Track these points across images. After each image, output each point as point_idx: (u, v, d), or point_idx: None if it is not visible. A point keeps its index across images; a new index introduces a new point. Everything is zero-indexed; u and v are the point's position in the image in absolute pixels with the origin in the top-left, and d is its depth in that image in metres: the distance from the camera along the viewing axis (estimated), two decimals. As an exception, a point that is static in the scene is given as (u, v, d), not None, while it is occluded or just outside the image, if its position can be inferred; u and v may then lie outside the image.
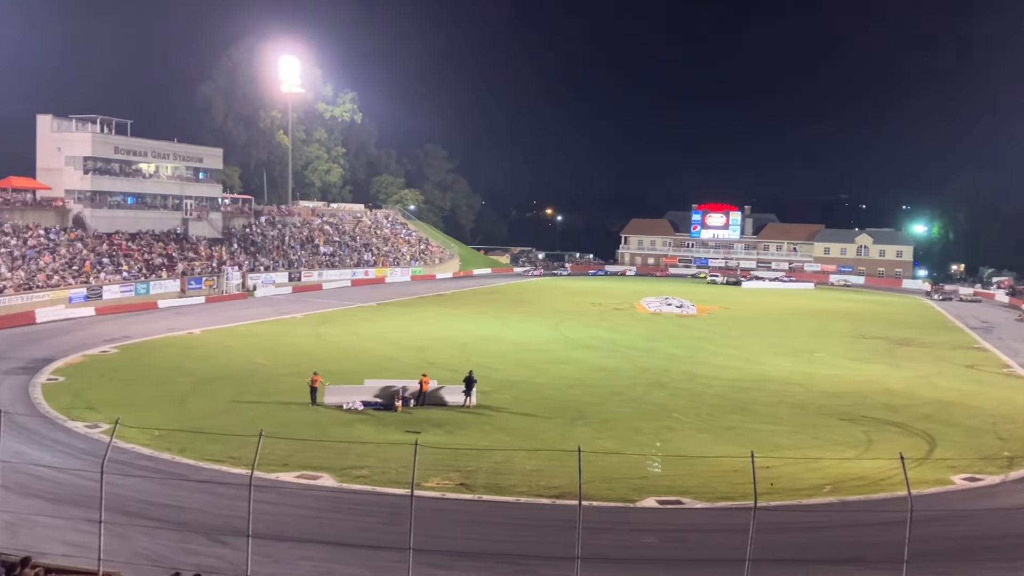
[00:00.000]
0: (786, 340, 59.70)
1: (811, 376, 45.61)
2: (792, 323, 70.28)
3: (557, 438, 30.84)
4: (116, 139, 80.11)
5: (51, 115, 77.75)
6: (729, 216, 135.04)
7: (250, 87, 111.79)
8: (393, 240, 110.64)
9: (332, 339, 54.12)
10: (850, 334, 63.51)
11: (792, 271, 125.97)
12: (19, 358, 43.87)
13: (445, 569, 18.95)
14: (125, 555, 19.28)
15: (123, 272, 70.24)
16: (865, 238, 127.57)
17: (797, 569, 19.02)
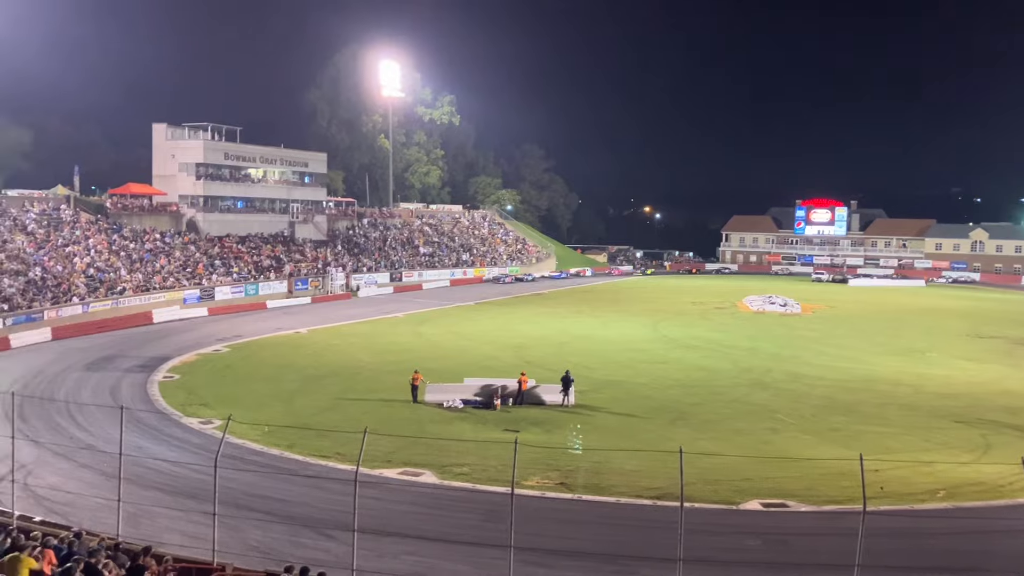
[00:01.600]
0: (895, 339, 57.58)
1: (922, 376, 43.90)
2: (902, 322, 67.74)
3: (657, 439, 30.55)
4: (226, 145, 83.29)
5: (166, 124, 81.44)
6: (835, 212, 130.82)
7: (353, 93, 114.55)
8: (490, 240, 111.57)
9: (432, 338, 54.98)
10: (964, 333, 60.77)
11: (901, 268, 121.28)
12: (138, 356, 46.11)
13: (546, 567, 19.04)
14: (237, 547, 20.08)
15: (234, 274, 72.98)
16: (980, 233, 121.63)
17: None
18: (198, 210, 79.53)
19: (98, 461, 25.99)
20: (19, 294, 54.34)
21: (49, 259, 60.56)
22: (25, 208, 65.98)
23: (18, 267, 57.42)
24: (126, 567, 14.16)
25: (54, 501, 23.37)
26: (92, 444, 27.90)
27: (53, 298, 56.20)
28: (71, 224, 67.11)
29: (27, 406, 32.94)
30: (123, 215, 73.35)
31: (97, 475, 25.29)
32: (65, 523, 20.66)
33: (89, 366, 43.36)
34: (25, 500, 22.50)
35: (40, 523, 20.22)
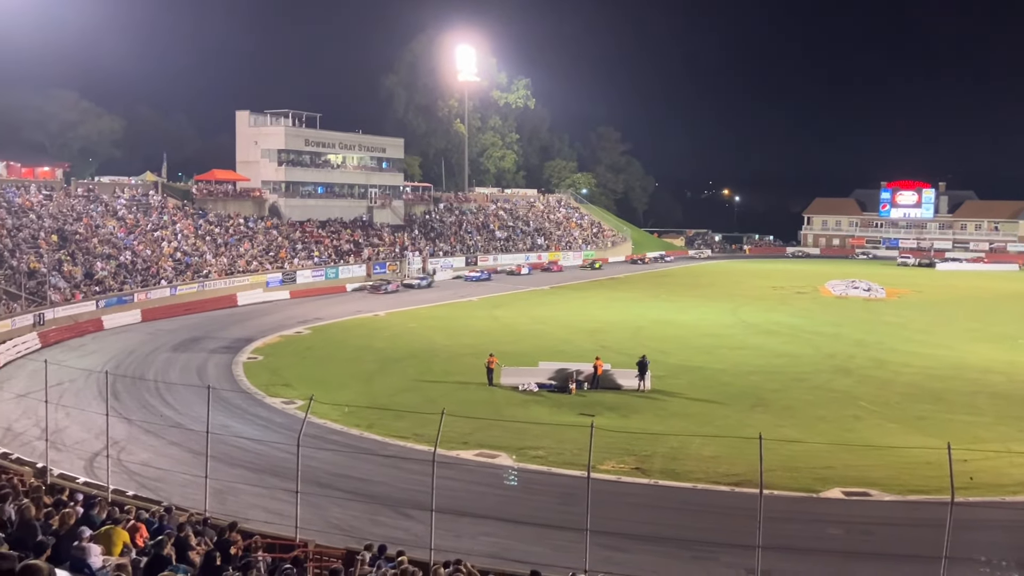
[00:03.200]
0: (986, 326, 55.46)
1: (1015, 364, 42.22)
2: (993, 307, 65.24)
3: (735, 425, 30.12)
4: (306, 132, 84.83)
5: (248, 111, 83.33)
6: (921, 194, 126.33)
7: (429, 78, 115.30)
8: (565, 224, 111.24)
9: (507, 321, 55.21)
10: (1062, 320, 58.20)
11: (993, 252, 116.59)
12: (223, 338, 47.48)
13: (621, 551, 19.00)
14: (319, 524, 20.57)
15: (314, 258, 74.46)
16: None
17: (1000, 572, 17.75)
18: (280, 195, 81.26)
19: (186, 439, 26.90)
20: (111, 277, 56.46)
21: (138, 243, 62.76)
22: (116, 194, 68.43)
23: (110, 251, 59.66)
24: (213, 541, 14.63)
25: (145, 476, 24.32)
26: (180, 422, 28.88)
27: (142, 281, 58.26)
28: (159, 209, 69.37)
29: (119, 385, 34.30)
30: (208, 201, 75.45)
31: (185, 452, 26.19)
32: (156, 498, 21.47)
33: (177, 347, 44.84)
34: (119, 475, 23.47)
35: (133, 497, 21.08)
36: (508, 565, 17.10)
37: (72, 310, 50.32)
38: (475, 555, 16.58)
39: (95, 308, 52.10)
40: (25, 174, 66.76)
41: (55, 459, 23.88)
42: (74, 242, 58.03)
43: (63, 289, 52.17)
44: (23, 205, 59.64)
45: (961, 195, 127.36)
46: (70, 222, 60.63)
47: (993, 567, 17.88)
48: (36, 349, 42.38)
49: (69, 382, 33.08)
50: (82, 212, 62.98)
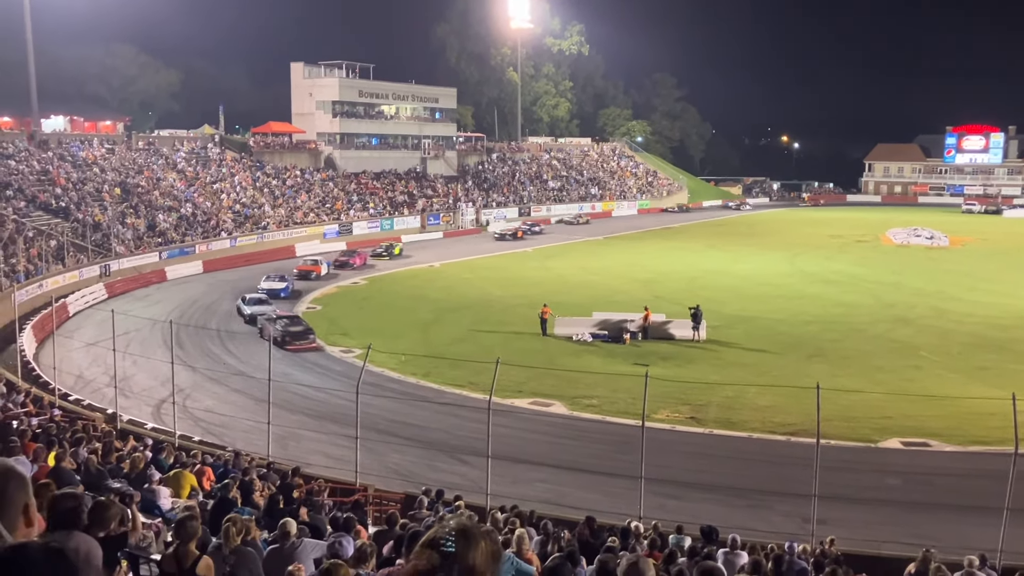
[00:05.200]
0: (1056, 274, 53.77)
1: (1086, 314, 40.97)
2: (1064, 256, 63.13)
3: (792, 375, 29.85)
4: (360, 83, 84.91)
5: (303, 63, 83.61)
6: (989, 138, 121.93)
7: (481, 26, 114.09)
8: (620, 173, 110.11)
9: (561, 272, 55.16)
10: None
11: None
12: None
13: (676, 499, 19.13)
14: (378, 469, 21.09)
15: (370, 209, 75.04)
16: None
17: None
18: (335, 147, 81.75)
19: (248, 386, 27.63)
20: (172, 229, 57.68)
21: (198, 196, 63.87)
22: (175, 147, 69.55)
23: (171, 203, 60.85)
24: (276, 485, 15.09)
25: (210, 423, 25.09)
26: (242, 370, 29.64)
27: (203, 233, 59.39)
28: (217, 162, 70.36)
29: (183, 334, 35.18)
30: (265, 153, 76.26)
31: (248, 399, 26.91)
32: (220, 443, 22.19)
33: (238, 296, 45.78)
34: (184, 421, 24.26)
35: (199, 443, 21.81)
36: (563, 511, 17.36)
37: (136, 261, 51.62)
38: (530, 501, 16.83)
39: (158, 259, 53.36)
40: (88, 128, 68.22)
41: (124, 406, 24.75)
42: (136, 195, 59.27)
43: (127, 241, 53.49)
44: (86, 159, 60.98)
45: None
46: (132, 175, 61.88)
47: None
48: (103, 299, 43.65)
49: (135, 331, 34.07)
50: (143, 165, 64.19)
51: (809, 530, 16.24)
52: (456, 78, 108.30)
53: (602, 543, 11.50)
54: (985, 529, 15.63)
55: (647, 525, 14.42)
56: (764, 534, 14.76)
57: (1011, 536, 15.12)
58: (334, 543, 7.99)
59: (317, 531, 10.66)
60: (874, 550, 15.77)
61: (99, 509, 5.68)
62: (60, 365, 27.60)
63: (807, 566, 11.83)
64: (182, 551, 6.72)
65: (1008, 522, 15.29)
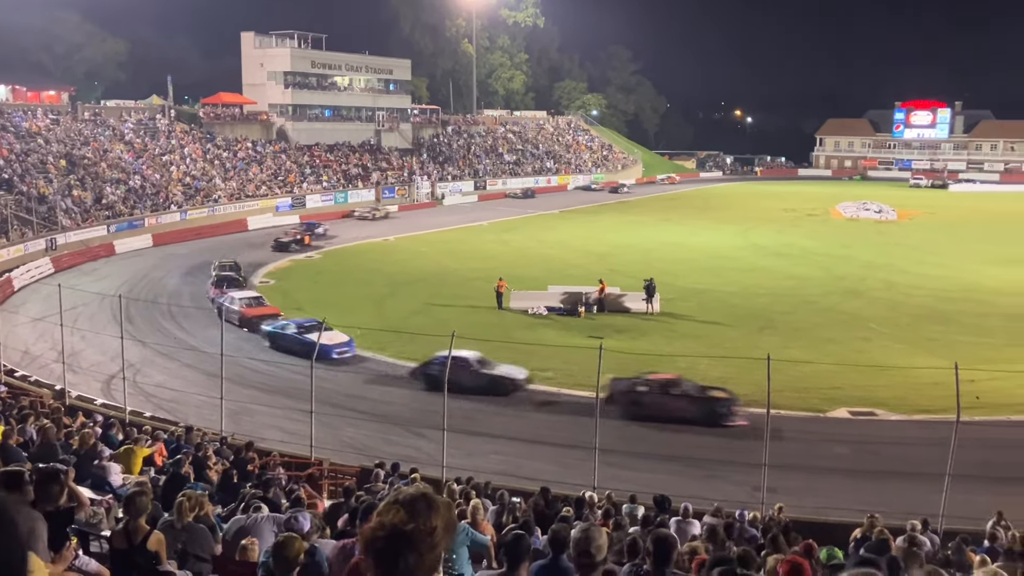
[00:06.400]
0: (999, 247, 55.05)
1: (1027, 286, 42.12)
2: (1007, 229, 64.70)
3: (743, 346, 30.29)
4: (312, 53, 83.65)
5: (254, 32, 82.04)
6: (936, 113, 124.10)
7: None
8: (575, 147, 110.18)
9: (517, 245, 55.20)
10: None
11: (1008, 172, 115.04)
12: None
13: (630, 469, 19.37)
14: (333, 443, 21.02)
15: (323, 182, 74.21)
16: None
17: (1001, 487, 18.03)
18: (287, 119, 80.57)
19: (200, 361, 27.28)
20: (121, 201, 56.50)
21: (147, 168, 62.57)
22: (123, 118, 67.94)
23: (119, 176, 59.54)
24: (230, 460, 14.98)
25: (161, 398, 24.77)
26: (194, 345, 29.25)
27: (152, 206, 58.29)
28: (167, 134, 68.93)
29: (133, 309, 34.56)
30: (216, 124, 74.88)
31: (200, 374, 26.57)
32: (172, 419, 21.92)
33: (189, 271, 45.10)
34: (135, 397, 23.91)
35: (150, 418, 21.53)
36: (519, 482, 17.48)
37: (84, 235, 50.53)
38: (486, 472, 16.95)
39: (106, 233, 52.30)
40: (31, 98, 66.28)
41: (72, 381, 24.30)
42: (83, 167, 57.90)
43: (74, 214, 52.27)
44: (30, 129, 59.32)
45: (977, 115, 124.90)
46: (78, 147, 60.38)
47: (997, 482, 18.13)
48: (49, 273, 42.71)
49: (83, 306, 33.42)
50: (90, 136, 62.67)
51: (759, 498, 16.57)
52: (410, 49, 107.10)
53: (556, 513, 11.62)
54: (928, 495, 16.08)
55: (601, 495, 14.61)
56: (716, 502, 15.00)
57: (952, 501, 15.59)
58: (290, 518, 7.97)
59: (273, 505, 10.62)
60: (822, 517, 16.15)
61: (44, 483, 5.59)
62: (5, 341, 27.03)
63: (757, 533, 12.08)
64: (132, 526, 6.64)
65: (949, 488, 15.75)
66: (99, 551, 7.60)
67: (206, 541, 7.84)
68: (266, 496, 10.68)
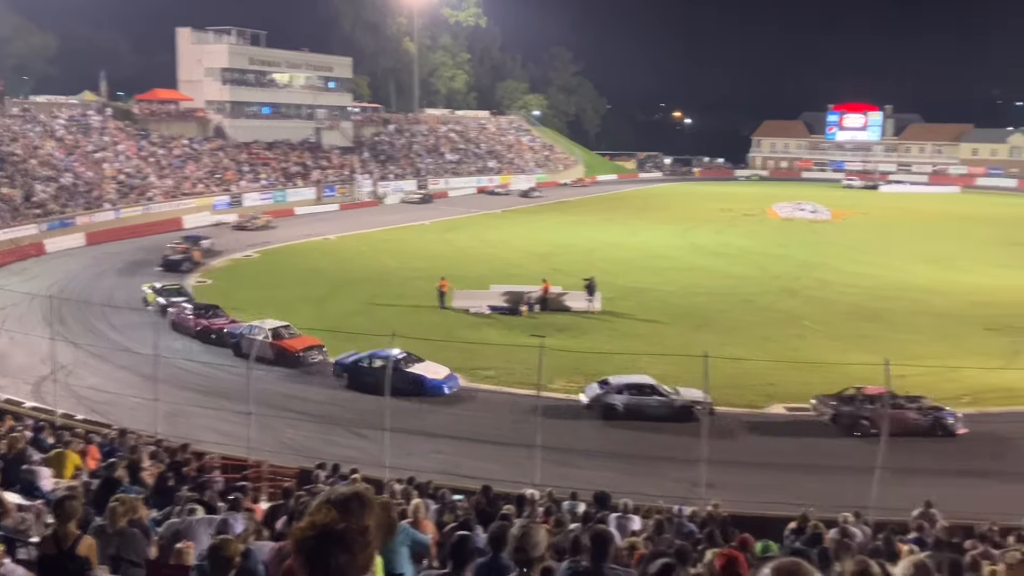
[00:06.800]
0: (927, 247, 56.80)
1: (954, 284, 43.50)
2: (934, 229, 66.72)
3: (682, 344, 30.68)
4: (251, 50, 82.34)
5: (190, 28, 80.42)
6: (868, 117, 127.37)
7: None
8: (517, 147, 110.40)
9: (459, 245, 55.13)
10: (999, 241, 59.74)
11: (935, 174, 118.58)
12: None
13: (569, 466, 19.48)
14: (272, 445, 20.74)
15: (262, 180, 73.12)
16: (1019, 138, 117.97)
17: (932, 478, 18.61)
18: (225, 116, 79.18)
19: (135, 362, 26.62)
20: (52, 200, 54.92)
21: (79, 165, 60.92)
22: (54, 114, 66.04)
23: (49, 173, 57.87)
24: (166, 463, 14.68)
25: (95, 401, 24.15)
26: (128, 346, 28.55)
27: (85, 204, 56.77)
28: (100, 130, 67.18)
29: (65, 309, 33.72)
30: (151, 121, 73.24)
31: (134, 376, 25.96)
32: (105, 421, 21.40)
33: (122, 270, 44.09)
34: (67, 399, 23.27)
35: (83, 421, 20.98)
36: (461, 481, 17.45)
37: (12, 233, 48.95)
38: (428, 472, 16.89)
39: (37, 231, 50.79)
40: (-45, 93, 64.04)
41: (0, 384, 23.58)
42: (11, 164, 56.13)
43: (2, 212, 50.64)
44: (-46, 125, 57.34)
45: (906, 118, 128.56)
46: (6, 143, 58.50)
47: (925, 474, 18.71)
48: (-25, 274, 41.35)
49: (12, 306, 32.44)
50: (19, 133, 60.77)
51: (699, 494, 16.83)
52: (351, 47, 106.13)
53: (498, 511, 11.65)
54: (860, 487, 16.50)
55: (543, 492, 14.68)
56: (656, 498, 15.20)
57: (882, 493, 16.03)
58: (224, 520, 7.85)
59: (209, 508, 10.44)
60: (759, 511, 16.46)
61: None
62: (-72, 343, 26.10)
63: (695, 528, 12.27)
64: (61, 532, 6.48)
65: (879, 480, 16.20)
66: (27, 558, 7.40)
67: (139, 545, 7.68)
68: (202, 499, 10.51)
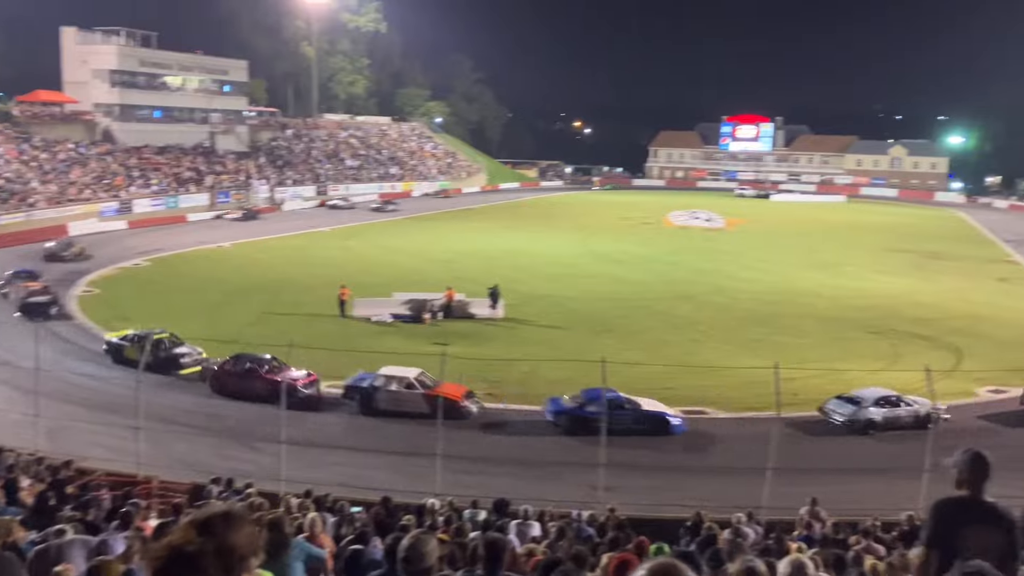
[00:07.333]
0: (815, 254, 59.15)
1: (839, 289, 45.37)
2: (821, 236, 69.49)
3: (583, 349, 30.94)
4: (141, 52, 79.61)
5: (76, 27, 77.19)
6: (760, 128, 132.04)
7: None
8: (419, 154, 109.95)
9: (360, 252, 54.48)
10: (881, 247, 62.70)
11: (823, 184, 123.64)
12: (54, 270, 44.63)
13: (470, 474, 19.45)
14: (163, 460, 20.00)
15: (153, 186, 70.69)
16: (899, 150, 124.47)
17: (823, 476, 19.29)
18: (113, 119, 76.30)
19: (14, 377, 25.29)
20: (-78, 206, 51.83)
21: (-47, 169, 57.71)
22: (-76, 115, 62.41)
23: (-80, 177, 54.63)
24: (47, 481, 13.99)
25: (-31, 418, 22.82)
26: (9, 360, 27.09)
27: (-40, 210, 53.79)
28: (-24, 132, 63.80)
29: (-64, 322, 31.83)
30: (33, 124, 69.93)
31: (13, 391, 24.60)
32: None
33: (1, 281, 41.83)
34: (-62, 417, 21.93)
35: (-46, 440, 19.79)
36: (362, 493, 17.19)
37: None
38: (326, 484, 16.57)
39: (-96, 239, 47.85)
40: None
41: None
42: None
43: None
44: None
45: (796, 130, 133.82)
46: None
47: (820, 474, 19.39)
48: None
49: None
50: None
51: (597, 497, 17.03)
52: (247, 50, 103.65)
53: (397, 522, 11.52)
54: (752, 487, 17.00)
55: (443, 502, 14.61)
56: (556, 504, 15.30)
57: (774, 493, 16.55)
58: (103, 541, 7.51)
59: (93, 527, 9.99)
60: (655, 513, 16.76)
61: None
62: None
63: (592, 532, 12.39)
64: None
65: (771, 480, 16.72)
66: None
67: (14, 570, 7.28)
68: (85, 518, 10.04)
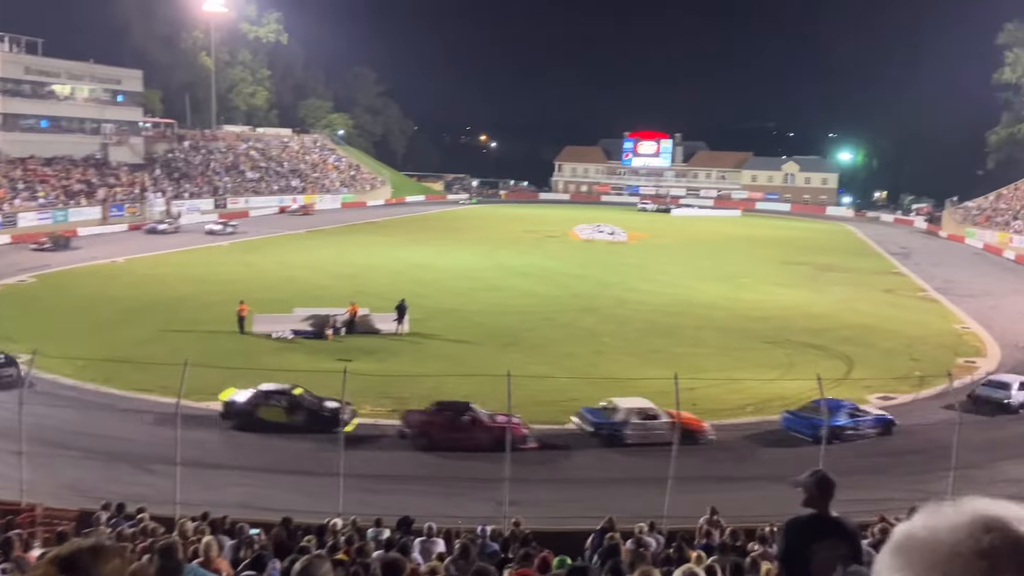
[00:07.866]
0: (712, 266, 60.80)
1: (736, 301, 46.72)
2: (719, 249, 71.54)
3: (489, 363, 30.95)
4: (27, 59, 76.22)
5: (-46, 32, 73.51)
6: (660, 144, 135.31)
7: (169, 6, 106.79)
8: (322, 166, 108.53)
9: (260, 267, 53.32)
10: (775, 260, 64.93)
11: (720, 199, 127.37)
12: None
13: (373, 492, 19.20)
14: (50, 486, 19.04)
15: (39, 199, 67.69)
16: (792, 166, 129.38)
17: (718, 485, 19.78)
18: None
19: None
20: None
21: None
22: None
23: None
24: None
25: None
26: None
27: None
28: None
29: None
30: (-94, 133, 66.21)
31: None
32: None
33: None
34: None
35: None
36: (263, 514, 16.74)
37: None
38: (225, 506, 16.09)
39: None
40: None
41: None
42: None
43: None
44: None
45: (694, 146, 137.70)
46: None
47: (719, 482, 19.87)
48: None
49: None
50: None
51: (503, 512, 17.02)
52: (143, 60, 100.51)
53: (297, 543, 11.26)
54: (654, 497, 17.28)
55: (346, 521, 14.36)
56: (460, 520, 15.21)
57: (674, 502, 16.86)
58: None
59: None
60: (560, 526, 16.86)
61: None
62: None
63: (497, 547, 12.38)
64: None
65: (671, 490, 17.02)
66: None
67: None
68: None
